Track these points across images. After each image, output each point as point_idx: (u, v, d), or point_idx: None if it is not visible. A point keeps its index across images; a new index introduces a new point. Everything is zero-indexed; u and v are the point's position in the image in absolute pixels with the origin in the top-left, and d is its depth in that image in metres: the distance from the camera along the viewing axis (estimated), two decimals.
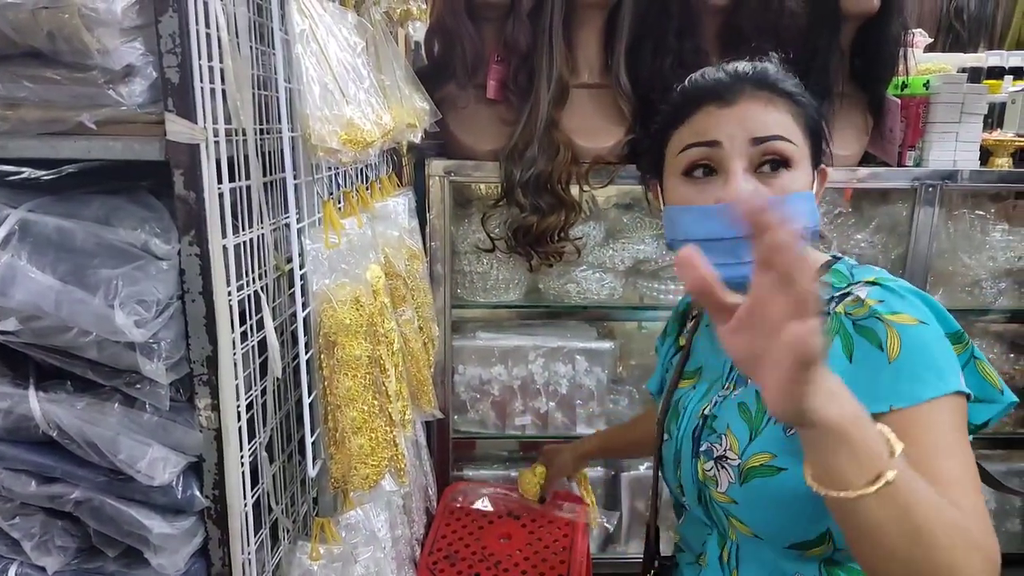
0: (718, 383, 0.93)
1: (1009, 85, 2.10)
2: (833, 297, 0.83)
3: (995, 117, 1.97)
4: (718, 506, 0.89)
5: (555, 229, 1.67)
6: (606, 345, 1.86)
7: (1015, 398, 0.80)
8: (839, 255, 0.91)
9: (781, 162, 0.83)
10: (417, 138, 1.16)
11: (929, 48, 2.47)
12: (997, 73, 2.13)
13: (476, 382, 1.85)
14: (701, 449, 0.90)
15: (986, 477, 0.92)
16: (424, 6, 1.17)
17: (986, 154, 1.86)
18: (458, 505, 1.62)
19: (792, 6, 1.67)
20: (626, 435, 1.50)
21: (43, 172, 0.89)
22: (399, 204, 1.27)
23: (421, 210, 1.69)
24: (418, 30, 1.88)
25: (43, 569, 0.86)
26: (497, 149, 1.72)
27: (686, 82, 0.90)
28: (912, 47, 1.92)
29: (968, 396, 0.75)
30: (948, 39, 2.94)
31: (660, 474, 1.04)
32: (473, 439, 1.94)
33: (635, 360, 2.00)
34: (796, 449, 0.75)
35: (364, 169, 1.17)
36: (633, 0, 1.69)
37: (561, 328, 1.89)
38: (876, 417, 0.68)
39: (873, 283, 0.81)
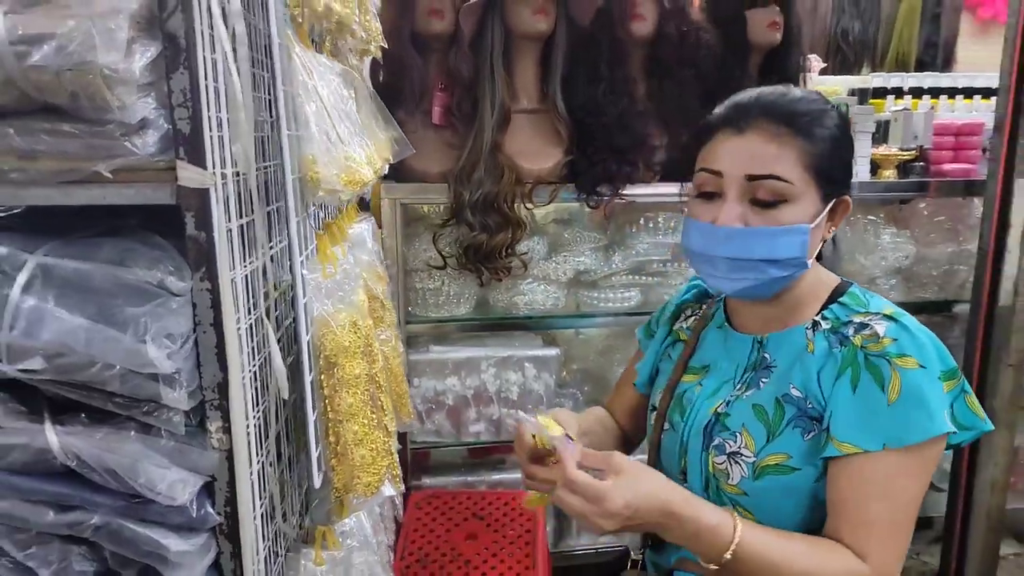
0: (729, 383, 1.03)
1: (892, 104, 2.37)
2: (851, 321, 0.94)
3: (881, 133, 2.22)
4: (726, 496, 0.98)
5: (503, 246, 1.79)
6: (552, 352, 1.99)
7: (992, 426, 0.95)
8: (849, 280, 1.02)
9: (775, 199, 0.92)
10: (386, 169, 1.25)
11: (823, 71, 2.73)
12: (881, 93, 2.39)
13: (431, 394, 1.94)
14: (713, 444, 0.99)
15: None
16: (384, 46, 1.25)
17: (875, 167, 2.10)
18: (424, 512, 1.70)
19: (707, 39, 1.85)
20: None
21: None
22: (365, 230, 1.36)
23: None
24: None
25: None
26: (444, 172, 1.82)
27: (727, 100, 0.99)
28: (810, 71, 2.16)
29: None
30: (837, 60, 3.25)
31: (657, 459, 1.12)
32: (429, 449, 2.03)
33: (577, 365, 2.14)
34: (812, 454, 0.93)
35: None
36: (566, 33, 1.83)
37: (509, 338, 2.01)
38: (868, 453, 0.88)
39: (890, 318, 0.92)
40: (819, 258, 1.05)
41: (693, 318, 1.18)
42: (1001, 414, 2.02)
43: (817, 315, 0.99)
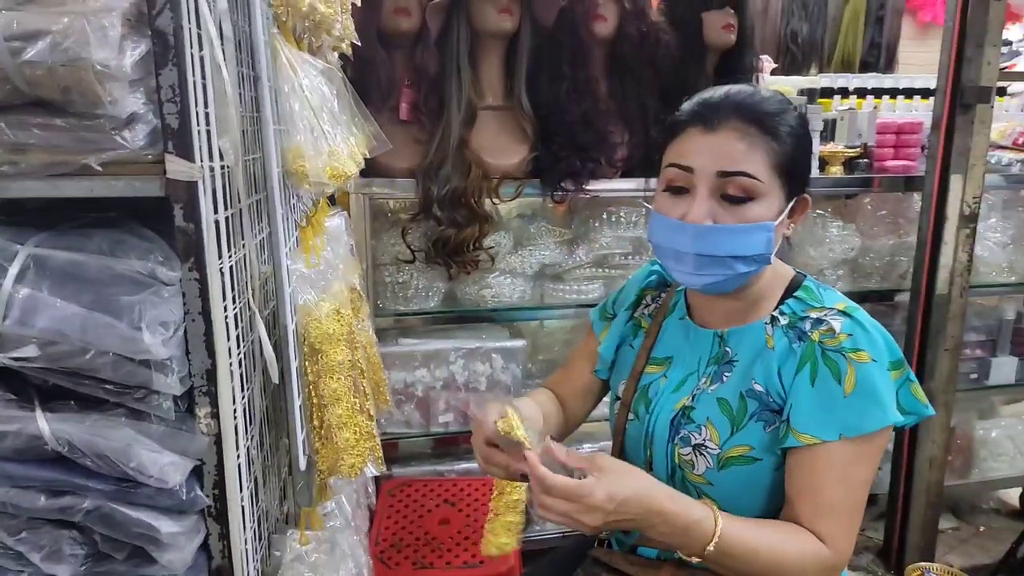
0: (693, 376, 1.07)
1: (838, 104, 2.49)
2: (808, 317, 0.99)
3: (828, 131, 2.33)
4: (691, 485, 1.03)
5: (471, 240, 1.84)
6: (519, 343, 2.04)
7: (934, 411, 1.03)
8: (803, 272, 1.08)
9: (744, 195, 0.95)
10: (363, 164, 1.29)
11: (774, 71, 2.85)
12: (828, 93, 2.50)
13: (401, 385, 1.97)
14: (679, 436, 1.03)
15: None
16: (356, 42, 1.29)
17: (823, 163, 2.21)
18: (397, 499, 1.74)
19: (666, 40, 1.93)
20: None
21: None
22: (340, 223, 1.39)
23: None
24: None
25: None
26: (411, 167, 1.86)
27: (695, 97, 1.01)
28: (762, 72, 2.25)
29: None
30: (787, 60, 3.38)
31: (623, 448, 1.15)
32: (398, 440, 2.06)
33: (543, 356, 2.20)
34: (772, 444, 0.99)
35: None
36: (530, 32, 1.89)
37: (477, 330, 2.06)
38: (825, 443, 0.94)
39: (845, 313, 0.98)
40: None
41: (654, 306, 1.20)
42: (939, 395, 2.15)
43: (775, 310, 1.04)
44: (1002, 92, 2.84)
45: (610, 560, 1.10)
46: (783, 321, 1.02)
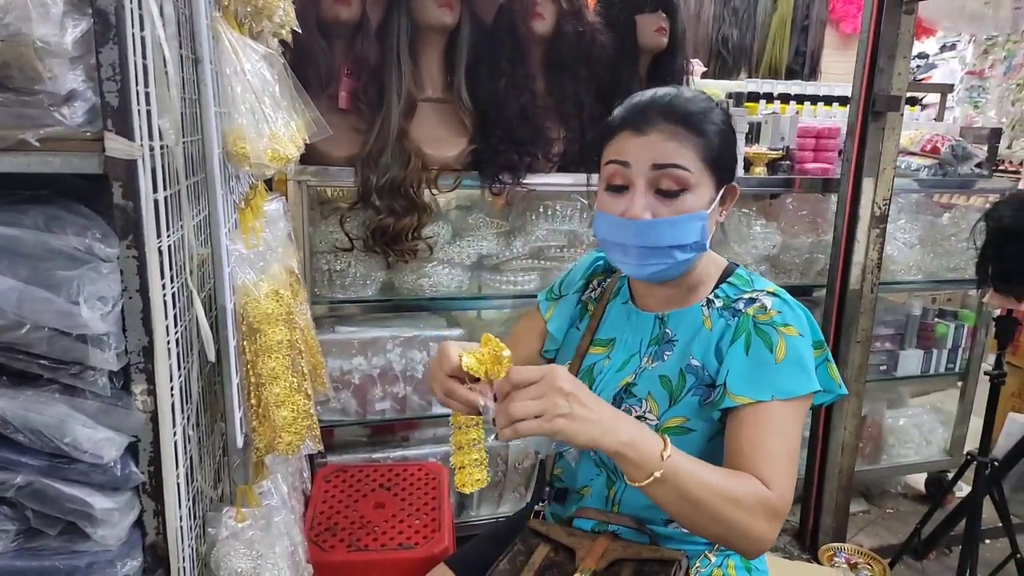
0: (635, 357, 1.14)
1: (763, 108, 2.61)
2: (741, 298, 1.08)
3: (754, 133, 2.45)
4: None
5: (409, 229, 1.86)
6: (456, 332, 2.08)
7: (847, 391, 1.12)
8: (736, 263, 1.17)
9: (678, 187, 1.02)
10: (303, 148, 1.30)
11: (704, 75, 2.96)
12: (754, 97, 2.63)
13: (337, 373, 1.99)
14: (621, 409, 1.07)
15: None
16: (297, 29, 1.31)
17: (748, 164, 2.32)
18: (332, 484, 1.76)
19: (601, 40, 1.99)
20: None
21: None
22: (278, 208, 1.40)
23: None
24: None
25: None
26: (349, 156, 1.87)
27: (625, 102, 1.08)
28: (692, 75, 2.35)
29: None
30: (717, 65, 3.51)
31: None
32: (334, 427, 2.07)
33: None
34: (706, 416, 1.06)
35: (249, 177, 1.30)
36: (470, 27, 1.93)
37: (414, 319, 2.09)
38: (758, 403, 1.00)
39: (774, 294, 1.07)
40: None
41: (599, 290, 1.28)
42: (851, 385, 2.29)
43: (711, 293, 1.13)
44: (915, 101, 3.03)
45: (548, 531, 1.15)
46: (718, 303, 1.11)
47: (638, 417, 1.09)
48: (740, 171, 2.23)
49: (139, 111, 0.89)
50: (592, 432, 0.89)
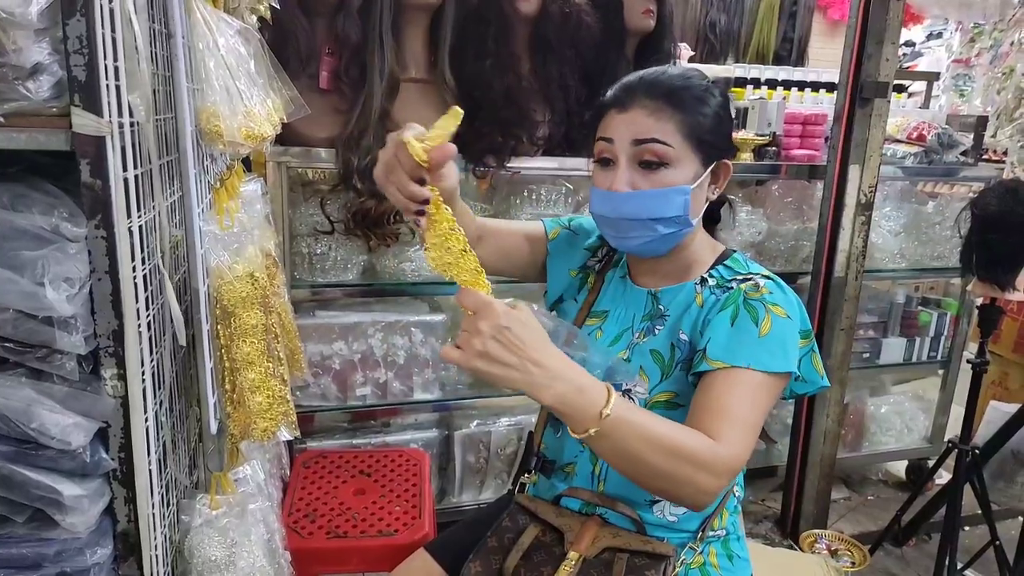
0: (628, 331, 1.16)
1: (751, 93, 2.59)
2: (735, 279, 1.09)
3: (740, 119, 2.43)
4: None
5: (391, 212, 1.84)
6: (438, 318, 2.06)
7: (829, 384, 1.13)
8: (733, 248, 1.17)
9: (658, 161, 1.04)
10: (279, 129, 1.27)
11: (692, 59, 2.93)
12: (741, 83, 2.61)
13: (317, 358, 1.96)
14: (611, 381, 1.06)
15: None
16: (275, 5, 1.27)
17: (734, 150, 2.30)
18: (312, 470, 1.74)
19: (588, 21, 1.96)
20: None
21: None
22: (255, 189, 1.37)
23: None
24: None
25: None
26: (330, 137, 1.84)
27: (615, 85, 1.11)
28: (679, 59, 2.33)
29: (796, 377, 1.06)
30: (704, 49, 3.49)
31: None
32: (314, 412, 2.05)
33: None
34: (692, 389, 1.04)
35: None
36: (455, 5, 1.89)
37: (396, 304, 2.06)
38: (732, 367, 0.99)
39: (768, 278, 1.08)
40: (712, 232, 1.22)
41: (603, 261, 1.28)
42: (834, 372, 2.29)
43: (705, 273, 1.14)
44: (902, 89, 3.03)
45: (536, 509, 1.15)
46: (711, 283, 1.12)
47: (627, 390, 1.09)
48: None
49: (108, 86, 0.86)
50: (514, 379, 0.86)
